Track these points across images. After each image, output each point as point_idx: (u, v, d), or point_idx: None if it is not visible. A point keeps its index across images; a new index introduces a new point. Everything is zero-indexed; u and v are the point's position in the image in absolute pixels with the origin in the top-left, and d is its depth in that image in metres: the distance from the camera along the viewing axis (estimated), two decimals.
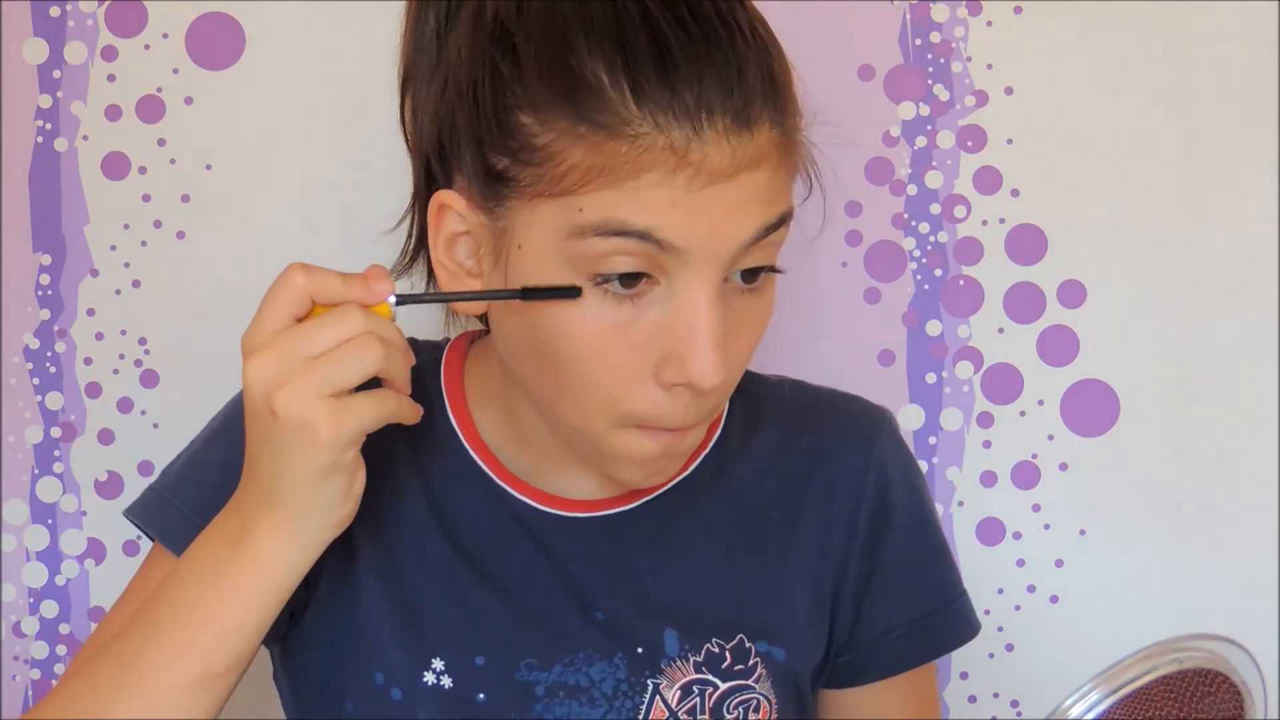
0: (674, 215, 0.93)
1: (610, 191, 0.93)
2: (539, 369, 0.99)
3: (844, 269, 1.36)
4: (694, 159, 0.92)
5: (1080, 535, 1.37)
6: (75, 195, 1.32)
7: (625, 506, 1.09)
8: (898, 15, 1.35)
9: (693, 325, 0.95)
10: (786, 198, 0.98)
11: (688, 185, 0.93)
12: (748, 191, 0.94)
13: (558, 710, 1.04)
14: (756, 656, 1.07)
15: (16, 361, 1.33)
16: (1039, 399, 1.36)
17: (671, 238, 0.93)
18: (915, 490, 1.14)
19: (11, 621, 1.33)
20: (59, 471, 1.33)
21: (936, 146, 1.35)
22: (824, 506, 1.11)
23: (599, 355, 0.96)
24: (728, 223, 0.94)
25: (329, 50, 1.33)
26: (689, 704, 1.05)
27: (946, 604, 1.14)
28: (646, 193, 0.92)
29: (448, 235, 1.00)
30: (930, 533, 1.14)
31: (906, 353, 1.36)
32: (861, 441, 1.12)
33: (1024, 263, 1.36)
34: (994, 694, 1.37)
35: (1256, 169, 1.35)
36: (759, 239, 0.96)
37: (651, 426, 0.98)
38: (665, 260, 0.94)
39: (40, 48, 1.32)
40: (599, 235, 0.93)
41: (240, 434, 0.96)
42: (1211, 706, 0.93)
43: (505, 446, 1.09)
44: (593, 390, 0.97)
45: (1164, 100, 1.35)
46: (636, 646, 1.06)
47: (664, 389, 0.96)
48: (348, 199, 1.34)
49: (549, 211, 0.95)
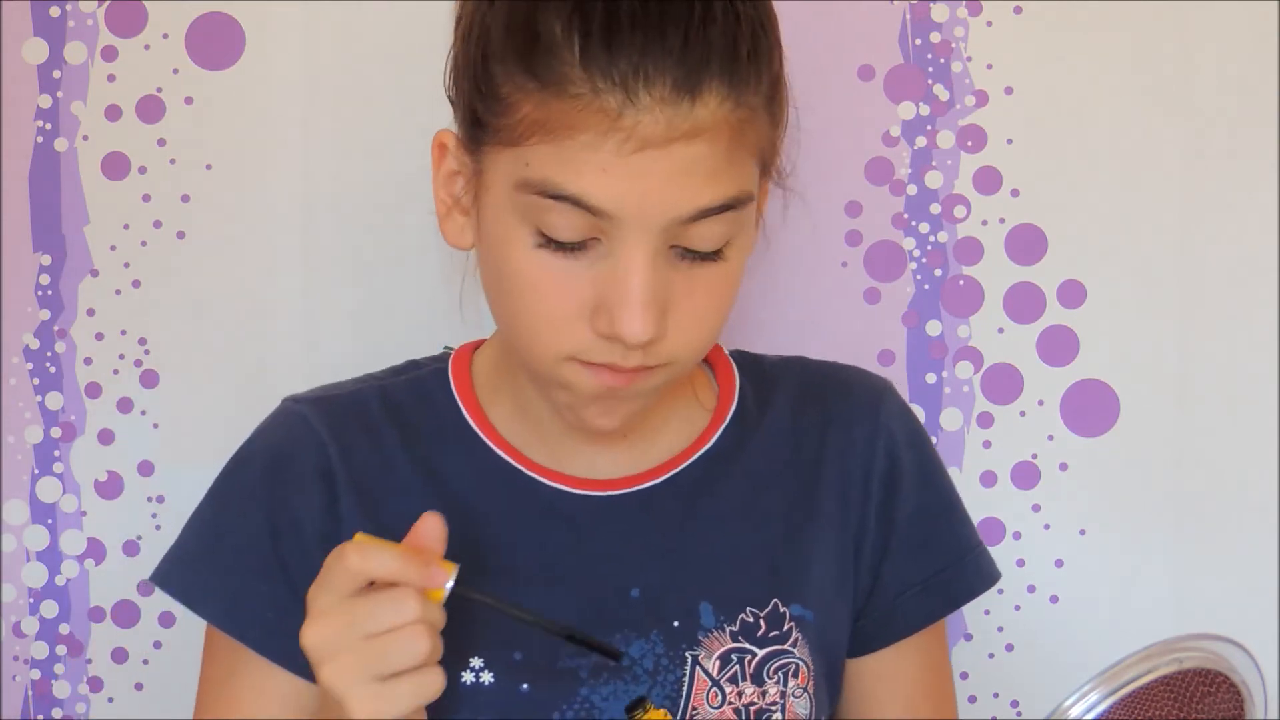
0: (605, 181, 0.95)
1: (550, 149, 0.96)
2: (500, 306, 1.03)
3: (844, 269, 1.36)
4: (626, 124, 0.94)
5: (1080, 535, 1.37)
6: (75, 195, 1.32)
7: (651, 482, 1.10)
8: (898, 15, 1.35)
9: (624, 284, 0.97)
10: (737, 179, 0.99)
11: (617, 150, 0.95)
12: (682, 164, 0.96)
13: (603, 690, 1.06)
14: (791, 621, 1.09)
15: (16, 361, 1.33)
16: (1039, 399, 1.36)
17: (603, 204, 0.96)
18: (921, 449, 1.16)
19: (11, 621, 1.33)
20: (59, 471, 1.33)
21: (936, 146, 1.35)
22: (839, 473, 1.13)
23: (540, 297, 0.99)
24: (660, 193, 0.96)
25: (329, 50, 1.33)
26: (729, 672, 1.07)
27: (958, 558, 1.16)
28: (580, 155, 0.95)
29: (446, 172, 1.06)
30: (938, 490, 1.17)
31: (906, 353, 1.36)
32: (868, 408, 1.15)
33: (1024, 263, 1.36)
34: (994, 694, 1.37)
35: (1256, 169, 1.35)
36: (696, 217, 0.97)
37: (590, 363, 1.00)
38: (602, 224, 0.97)
39: (40, 48, 1.32)
40: (539, 194, 0.97)
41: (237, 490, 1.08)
42: (1211, 706, 0.94)
43: (522, 435, 1.11)
44: (536, 326, 1.00)
45: (1164, 100, 1.35)
46: (673, 621, 1.07)
47: (598, 336, 0.99)
48: (348, 199, 1.34)
49: (506, 161, 0.99)
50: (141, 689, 1.34)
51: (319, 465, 1.09)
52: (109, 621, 1.34)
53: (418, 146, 1.32)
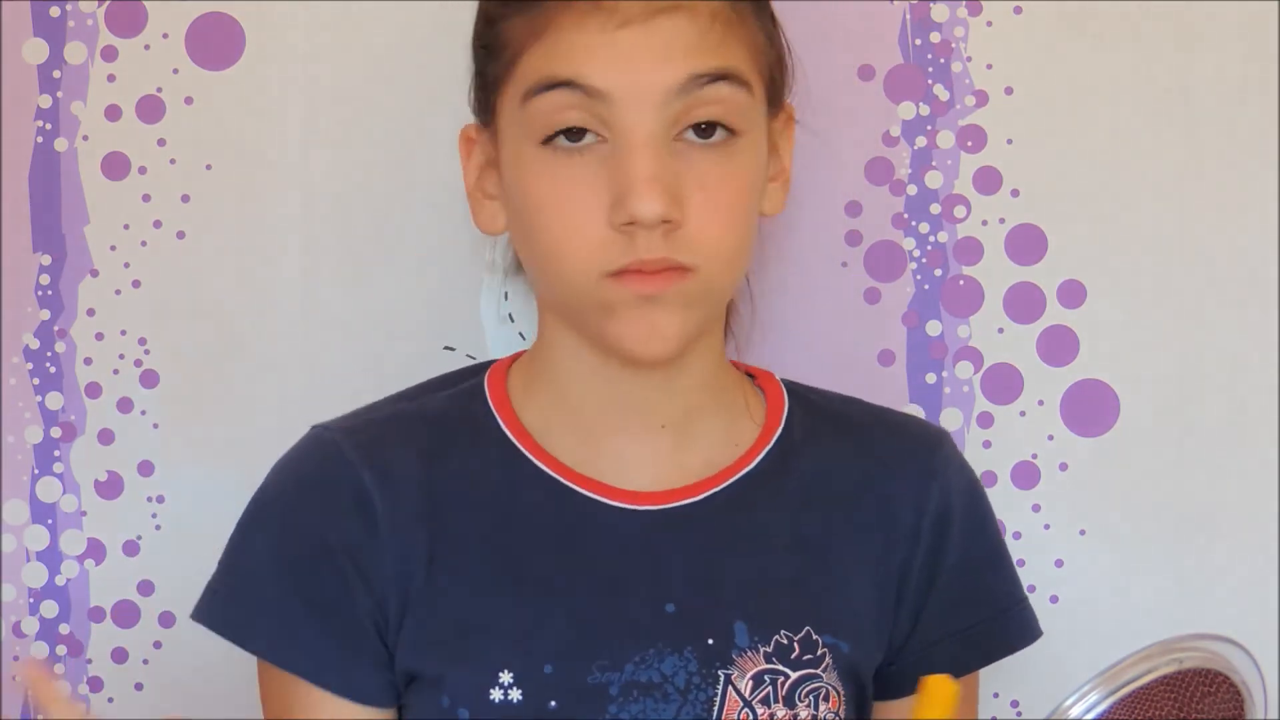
0: (595, 61, 1.01)
1: (541, 46, 1.02)
2: (529, 242, 1.06)
3: (844, 269, 1.36)
4: (606, 5, 1.01)
5: (1080, 535, 1.37)
6: (75, 195, 1.32)
7: (693, 498, 1.10)
8: (898, 15, 1.35)
9: (628, 164, 1.01)
10: (725, 53, 1.04)
11: (601, 28, 1.01)
12: (666, 37, 1.02)
13: (632, 709, 1.05)
14: (824, 648, 1.08)
15: (16, 361, 1.33)
16: (1039, 399, 1.36)
17: (595, 82, 1.01)
18: (975, 500, 1.16)
19: (11, 621, 1.33)
20: (59, 471, 1.33)
21: (936, 146, 1.35)
22: (886, 514, 1.13)
23: (560, 207, 1.03)
24: (649, 67, 1.01)
25: (329, 50, 1.33)
26: (761, 693, 1.07)
27: (1000, 611, 1.16)
28: (568, 40, 1.01)
29: (475, 164, 1.11)
30: (988, 541, 1.16)
31: (906, 353, 1.36)
32: (925, 452, 1.15)
33: (1024, 263, 1.36)
34: (994, 694, 1.37)
35: (1256, 169, 1.35)
36: (689, 88, 1.02)
37: (622, 271, 1.02)
38: (601, 110, 1.02)
39: (40, 48, 1.32)
40: (538, 93, 1.03)
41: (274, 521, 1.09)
42: (1211, 706, 0.93)
43: (558, 432, 1.11)
44: (564, 241, 1.03)
45: (1164, 100, 1.35)
46: (707, 638, 1.07)
47: (619, 232, 1.02)
48: (348, 199, 1.34)
49: (511, 93, 1.05)
50: (141, 689, 1.34)
51: (355, 493, 1.08)
52: (109, 621, 1.33)
53: (418, 146, 1.33)
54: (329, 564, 1.07)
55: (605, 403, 1.10)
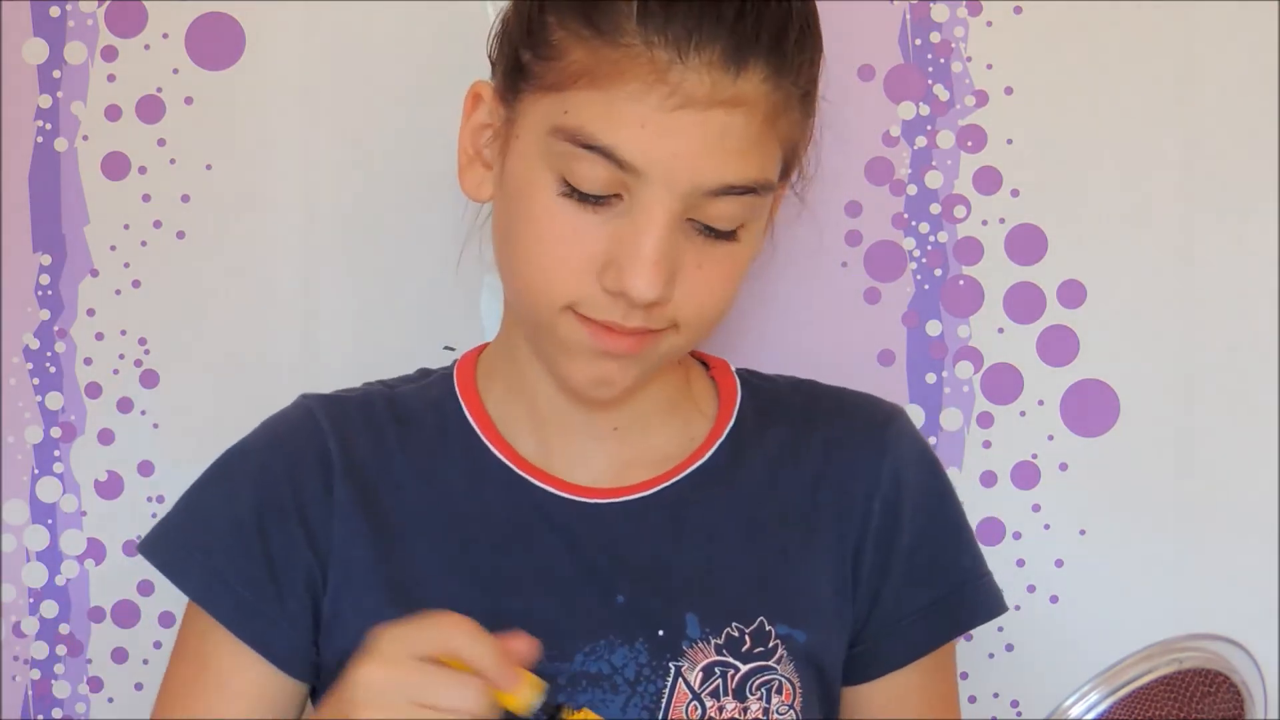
0: (640, 136, 0.98)
1: (592, 95, 0.98)
2: (510, 253, 1.05)
3: (844, 269, 1.36)
4: (672, 80, 0.97)
5: (1080, 535, 1.37)
6: (75, 195, 1.32)
7: (644, 492, 1.10)
8: (898, 15, 1.35)
9: (638, 240, 1.00)
10: (763, 164, 1.02)
11: (660, 104, 0.98)
12: (719, 130, 0.99)
13: (580, 700, 1.05)
14: (777, 639, 1.08)
15: (16, 361, 1.33)
16: (1039, 399, 1.36)
17: (633, 159, 0.98)
18: (929, 475, 1.16)
19: (11, 621, 1.33)
20: (59, 471, 1.33)
21: (936, 146, 1.35)
22: (838, 495, 1.13)
23: (553, 244, 1.01)
24: (691, 157, 0.99)
25: (329, 50, 1.33)
26: (711, 685, 1.07)
27: (960, 585, 1.15)
28: (622, 105, 0.98)
29: (475, 123, 1.08)
30: (945, 516, 1.16)
31: (906, 353, 1.36)
32: (875, 430, 1.15)
33: (1024, 263, 1.36)
34: (994, 694, 1.37)
35: (1256, 169, 1.35)
36: (721, 191, 1.00)
37: (589, 318, 1.02)
38: (629, 179, 0.99)
39: (40, 48, 1.32)
40: (572, 143, 0.99)
41: (232, 471, 1.10)
42: (1211, 706, 0.94)
43: (515, 421, 1.11)
44: (543, 271, 1.02)
45: (1164, 100, 1.35)
46: (658, 630, 1.07)
47: (604, 292, 1.01)
48: (348, 199, 1.34)
49: (545, 105, 1.01)
50: (141, 689, 1.34)
51: (318, 453, 1.10)
52: (109, 621, 1.34)
53: (417, 146, 1.33)
54: (279, 522, 1.09)
55: (558, 404, 1.10)
